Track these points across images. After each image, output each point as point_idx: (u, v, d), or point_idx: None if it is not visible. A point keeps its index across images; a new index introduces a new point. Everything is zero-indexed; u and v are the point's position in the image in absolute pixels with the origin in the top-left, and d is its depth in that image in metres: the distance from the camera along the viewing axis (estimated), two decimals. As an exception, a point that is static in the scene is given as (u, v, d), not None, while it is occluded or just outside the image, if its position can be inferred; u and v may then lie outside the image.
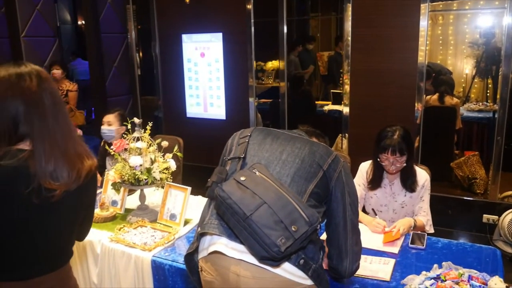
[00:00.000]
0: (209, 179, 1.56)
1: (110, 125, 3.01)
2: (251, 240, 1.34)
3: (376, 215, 2.60)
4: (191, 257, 1.60)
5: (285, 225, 1.33)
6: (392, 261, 2.00)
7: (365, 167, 2.64)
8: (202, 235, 1.53)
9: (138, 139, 2.36)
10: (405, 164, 2.42)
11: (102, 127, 3.04)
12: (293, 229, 1.33)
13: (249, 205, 1.35)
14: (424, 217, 2.49)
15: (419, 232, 2.33)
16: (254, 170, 1.47)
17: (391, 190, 2.55)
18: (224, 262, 1.44)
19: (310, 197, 1.48)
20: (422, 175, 2.53)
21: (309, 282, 1.43)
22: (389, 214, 2.57)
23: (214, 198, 1.48)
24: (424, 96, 4.08)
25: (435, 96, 4.33)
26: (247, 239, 1.36)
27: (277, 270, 1.39)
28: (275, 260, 1.35)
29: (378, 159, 2.45)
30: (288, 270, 1.40)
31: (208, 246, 1.48)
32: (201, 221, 1.57)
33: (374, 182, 2.56)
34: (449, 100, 4.34)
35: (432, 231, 2.52)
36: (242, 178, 1.43)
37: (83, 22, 6.11)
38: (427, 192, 2.53)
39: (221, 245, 1.44)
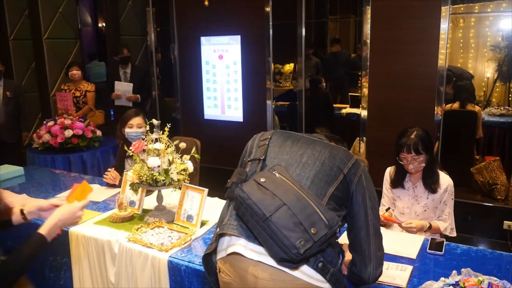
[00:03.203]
0: (228, 180, 1.56)
1: (140, 127, 3.03)
2: (270, 241, 1.34)
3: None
4: (209, 257, 1.60)
5: (304, 227, 1.33)
6: (409, 268, 1.98)
7: (389, 170, 2.71)
8: (221, 235, 1.53)
9: (156, 140, 2.39)
10: (423, 165, 2.47)
11: (131, 130, 3.01)
12: (312, 231, 1.33)
13: (268, 206, 1.35)
14: (445, 222, 2.52)
15: (437, 238, 2.30)
16: (274, 172, 1.46)
17: (414, 193, 2.59)
18: (243, 264, 1.43)
19: (330, 200, 1.47)
20: (446, 179, 2.55)
21: (327, 285, 1.42)
22: (411, 217, 2.60)
23: (233, 198, 1.48)
24: (444, 104, 4.03)
25: (456, 105, 4.28)
26: (266, 241, 1.36)
27: (295, 273, 1.38)
28: (293, 262, 1.34)
29: (398, 158, 2.52)
30: (306, 273, 1.39)
31: (227, 247, 1.48)
32: (220, 221, 1.57)
33: (396, 181, 2.63)
34: (471, 108, 4.28)
35: (453, 234, 2.55)
36: (262, 179, 1.43)
37: (104, 24, 6.21)
38: (451, 197, 2.55)
39: (240, 246, 1.44)
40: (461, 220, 3.58)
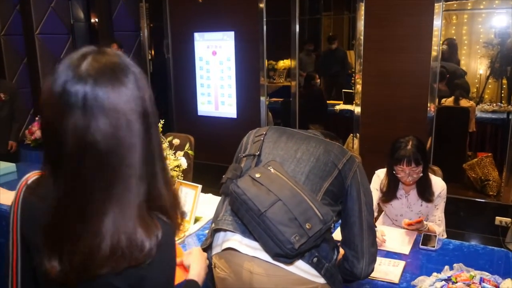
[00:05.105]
0: (223, 175, 1.56)
1: None
2: (265, 236, 1.34)
3: (392, 224, 2.60)
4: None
5: (299, 222, 1.33)
6: (402, 263, 1.99)
7: (382, 174, 2.59)
8: (216, 231, 1.53)
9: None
10: (421, 174, 2.38)
11: None
12: (307, 226, 1.33)
13: (263, 202, 1.35)
14: (439, 226, 2.46)
15: (430, 233, 2.31)
16: (269, 167, 1.46)
17: (407, 201, 2.53)
18: (238, 259, 1.44)
19: (325, 195, 1.48)
20: (438, 184, 2.49)
21: (322, 280, 1.42)
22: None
23: (228, 194, 1.48)
24: (437, 100, 4.04)
25: (451, 99, 4.30)
26: (261, 236, 1.36)
27: (290, 268, 1.39)
28: (288, 257, 1.35)
29: (394, 171, 2.41)
30: (301, 268, 1.39)
31: (222, 243, 1.48)
32: (215, 217, 1.57)
33: (389, 195, 2.52)
34: (465, 103, 4.31)
35: (444, 236, 2.52)
36: (257, 175, 1.43)
37: (97, 20, 6.17)
38: (443, 201, 2.50)
39: (235, 242, 1.44)
40: (454, 216, 3.61)
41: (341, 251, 1.60)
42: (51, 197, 0.86)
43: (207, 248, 1.58)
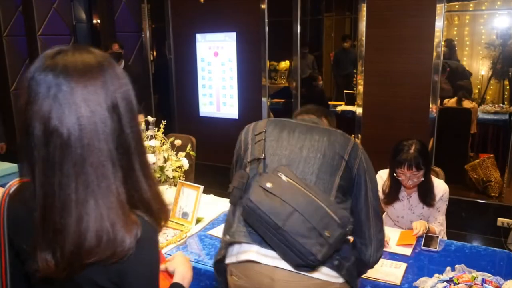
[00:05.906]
0: (230, 185, 1.52)
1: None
2: (283, 247, 1.33)
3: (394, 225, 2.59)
4: (220, 263, 1.55)
5: (318, 231, 1.31)
6: (403, 265, 1.99)
7: (384, 175, 2.58)
8: (230, 243, 1.49)
9: (151, 137, 2.38)
10: (422, 179, 2.37)
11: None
12: (327, 234, 1.31)
13: (280, 215, 1.32)
14: (438, 227, 2.46)
15: (432, 234, 2.31)
16: (279, 174, 1.42)
17: (409, 203, 2.52)
18: (258, 267, 1.41)
19: (337, 193, 1.46)
20: (441, 187, 2.47)
21: (341, 280, 1.41)
22: (407, 225, 2.53)
23: (236, 204, 1.46)
24: (439, 101, 4.04)
25: (453, 100, 4.30)
26: (279, 246, 1.34)
27: (312, 274, 1.37)
28: (311, 267, 1.33)
29: (395, 174, 2.40)
30: (323, 272, 1.38)
31: (237, 254, 1.45)
32: (227, 228, 1.53)
33: (391, 196, 2.51)
34: (467, 104, 4.30)
35: (445, 238, 2.50)
36: (269, 185, 1.38)
37: (99, 20, 6.18)
38: (445, 204, 2.49)
39: (253, 253, 1.41)
40: (455, 217, 3.61)
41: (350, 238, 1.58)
42: (32, 200, 0.88)
43: (222, 259, 1.53)
